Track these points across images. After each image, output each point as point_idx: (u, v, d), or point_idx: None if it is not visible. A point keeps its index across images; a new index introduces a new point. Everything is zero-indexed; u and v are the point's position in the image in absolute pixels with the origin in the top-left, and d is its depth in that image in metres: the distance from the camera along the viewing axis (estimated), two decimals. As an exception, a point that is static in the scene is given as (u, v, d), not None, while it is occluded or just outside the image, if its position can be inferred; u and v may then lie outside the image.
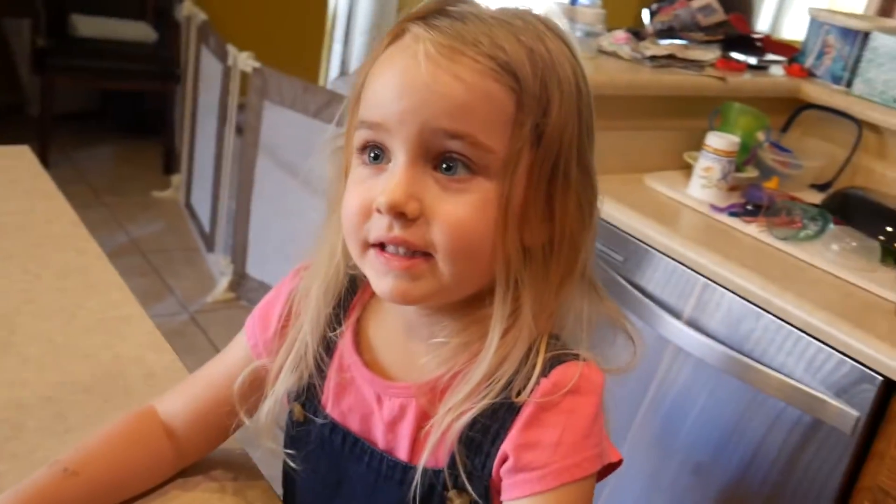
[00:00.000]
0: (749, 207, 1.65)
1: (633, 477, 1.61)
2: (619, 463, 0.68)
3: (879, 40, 1.88)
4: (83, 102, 4.30)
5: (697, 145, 1.75)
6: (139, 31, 3.92)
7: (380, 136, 0.63)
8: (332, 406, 0.74)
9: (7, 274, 1.09)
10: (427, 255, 0.62)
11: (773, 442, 1.37)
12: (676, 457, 1.53)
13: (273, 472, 0.83)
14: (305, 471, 0.76)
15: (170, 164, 3.90)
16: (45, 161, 3.63)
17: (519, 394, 0.63)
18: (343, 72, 6.15)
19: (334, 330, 0.73)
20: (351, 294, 0.75)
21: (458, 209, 0.61)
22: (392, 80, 0.62)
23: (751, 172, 1.80)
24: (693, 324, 1.47)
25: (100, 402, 0.88)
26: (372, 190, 0.62)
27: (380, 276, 0.64)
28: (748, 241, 1.57)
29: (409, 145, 0.61)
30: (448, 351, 0.66)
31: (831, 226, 1.56)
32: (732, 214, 1.63)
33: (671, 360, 1.53)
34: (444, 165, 0.61)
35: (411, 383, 0.68)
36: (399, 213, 0.61)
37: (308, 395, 0.74)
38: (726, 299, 1.42)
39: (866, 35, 1.92)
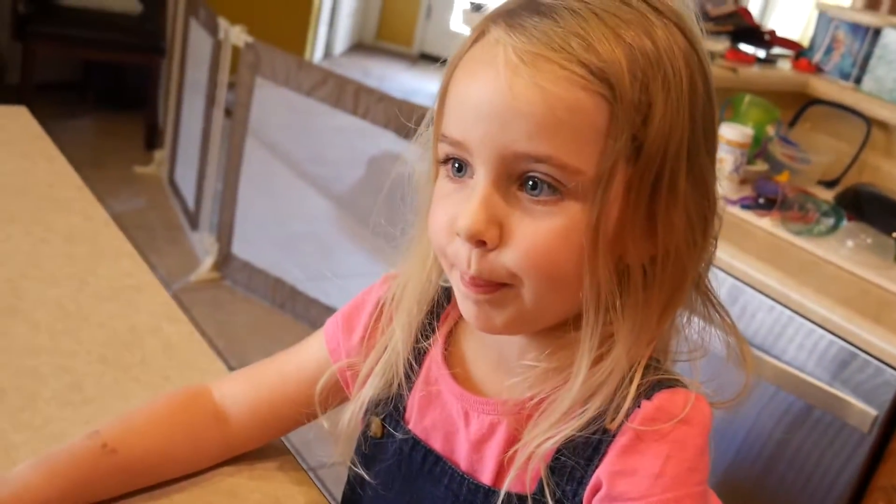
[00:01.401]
0: (761, 201, 1.62)
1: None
2: None
3: (890, 37, 1.86)
4: (63, 73, 4.19)
5: (708, 136, 1.73)
6: (124, 1, 3.82)
7: (461, 153, 0.58)
8: (416, 421, 0.68)
9: (9, 236, 1.03)
10: (509, 284, 0.57)
11: (787, 437, 1.35)
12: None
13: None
14: (374, 489, 0.70)
15: (152, 140, 3.80)
16: (23, 131, 3.53)
17: (614, 419, 0.57)
18: (327, 53, 6.09)
19: (426, 339, 0.68)
20: (444, 304, 0.70)
21: (540, 235, 0.55)
22: (471, 95, 0.56)
23: (761, 166, 1.78)
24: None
25: (117, 372, 0.83)
26: (456, 207, 0.58)
27: (464, 298, 0.60)
28: (762, 234, 1.54)
29: (489, 167, 0.56)
30: (538, 374, 0.61)
31: (845, 221, 1.55)
32: (745, 207, 1.61)
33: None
34: (530, 184, 0.55)
35: (502, 400, 0.63)
36: (479, 242, 0.56)
37: (389, 409, 0.69)
38: (746, 294, 1.39)
39: (877, 31, 1.90)
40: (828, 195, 1.72)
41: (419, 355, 0.69)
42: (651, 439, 0.57)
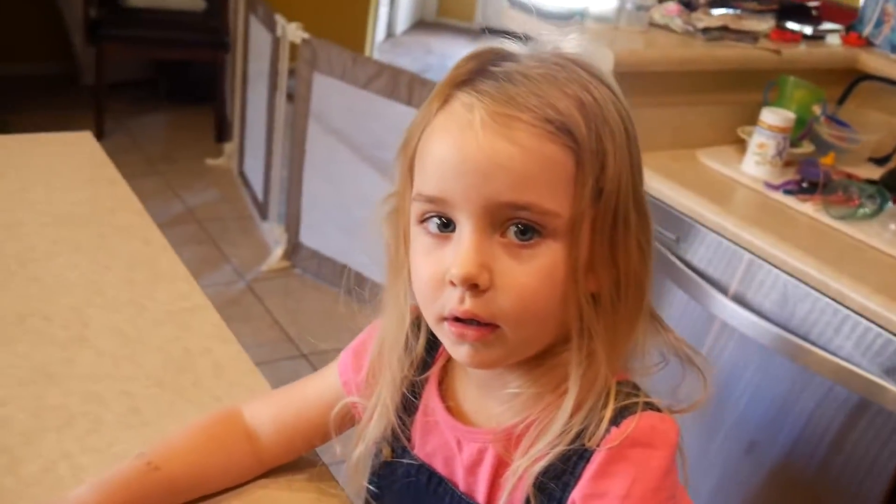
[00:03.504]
0: (804, 185, 1.63)
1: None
2: None
3: (942, 8, 1.82)
4: (135, 71, 4.36)
5: (751, 119, 1.73)
6: (188, 0, 3.95)
7: (442, 208, 0.63)
8: (419, 447, 0.76)
9: (75, 265, 1.13)
10: (494, 325, 0.63)
11: (823, 422, 1.37)
12: (724, 432, 1.54)
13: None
14: None
15: (222, 132, 3.95)
16: (100, 129, 3.70)
17: (590, 439, 0.63)
18: (389, 33, 6.15)
19: (422, 374, 0.75)
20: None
21: (528, 278, 0.61)
22: (450, 153, 0.61)
23: (806, 147, 1.78)
24: (742, 301, 1.47)
25: (172, 395, 0.92)
26: (442, 262, 0.63)
27: (455, 345, 0.65)
28: (804, 219, 1.55)
29: (475, 217, 0.61)
30: (522, 401, 0.67)
31: (889, 204, 1.54)
32: (787, 192, 1.62)
33: (717, 335, 1.53)
34: (514, 229, 0.61)
35: (489, 430, 0.70)
36: (472, 285, 0.61)
37: (396, 436, 0.76)
38: (781, 280, 1.41)
39: (929, 2, 1.87)
40: (879, 172, 1.71)
41: (416, 389, 0.75)
42: (619, 462, 0.63)
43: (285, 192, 3.10)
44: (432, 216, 0.64)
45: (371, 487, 0.78)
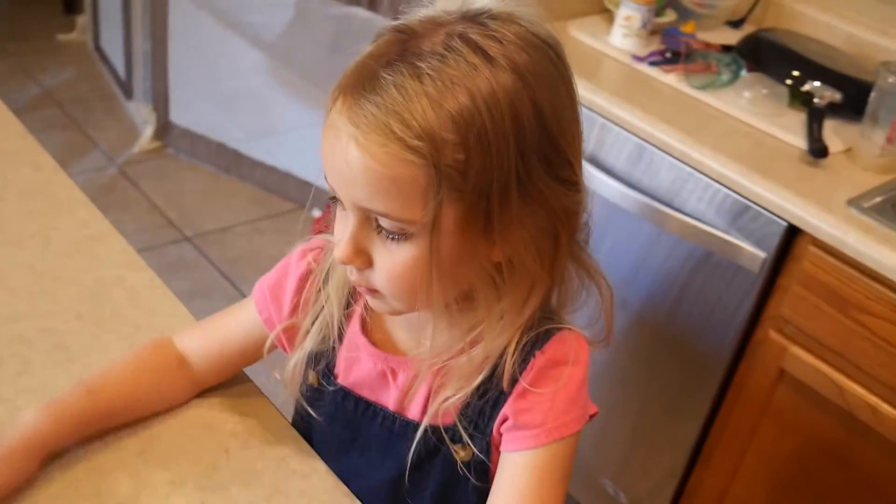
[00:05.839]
0: (668, 55, 1.72)
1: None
2: (596, 414, 0.80)
3: None
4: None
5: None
6: None
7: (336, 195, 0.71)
8: (343, 376, 0.85)
9: (-34, 197, 1.12)
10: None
11: (690, 280, 1.54)
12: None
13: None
14: (320, 424, 0.87)
15: (71, 3, 3.70)
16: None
17: (514, 368, 0.74)
18: None
19: (350, 305, 0.83)
20: None
21: (394, 265, 0.69)
22: (329, 158, 0.68)
23: (669, 16, 1.86)
24: (602, 167, 1.59)
25: (94, 327, 0.96)
26: (340, 233, 0.72)
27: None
28: (668, 90, 1.66)
29: (352, 212, 0.69)
30: (444, 340, 0.77)
31: (744, 72, 1.66)
32: (652, 64, 1.71)
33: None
34: (382, 225, 0.68)
35: (419, 359, 0.79)
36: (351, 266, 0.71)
37: (322, 366, 0.85)
38: (649, 152, 1.53)
39: None
40: (735, 36, 1.82)
41: (346, 317, 0.84)
42: (543, 380, 0.75)
43: (149, 66, 2.98)
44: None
45: (304, 404, 0.87)
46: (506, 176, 0.66)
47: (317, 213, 0.93)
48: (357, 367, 0.84)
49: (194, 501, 0.79)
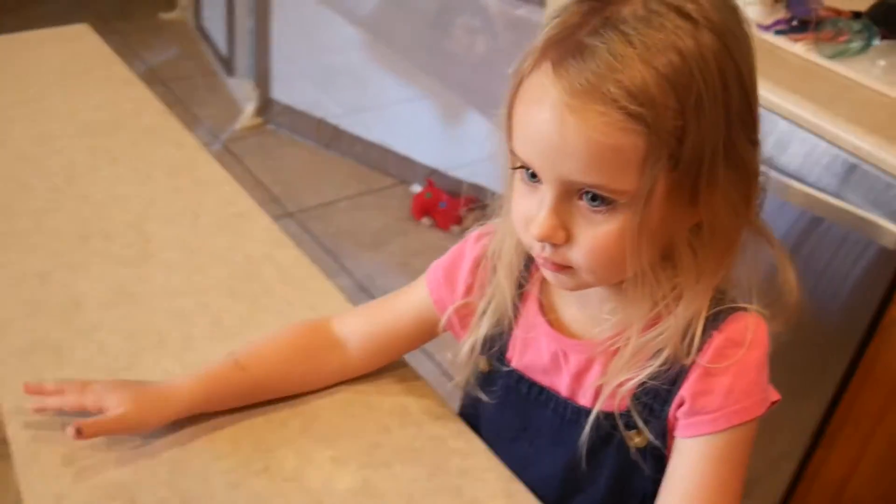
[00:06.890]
0: (795, 23, 1.66)
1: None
2: (778, 401, 0.77)
3: None
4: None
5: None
6: None
7: (531, 168, 0.68)
8: (517, 360, 0.83)
9: (118, 177, 1.15)
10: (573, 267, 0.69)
11: (813, 256, 1.49)
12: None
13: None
14: (490, 411, 0.86)
15: (171, -18, 3.78)
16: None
17: (689, 354, 0.72)
18: None
19: (524, 285, 0.82)
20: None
21: (599, 238, 0.66)
22: (531, 128, 0.65)
23: (793, -18, 1.79)
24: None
25: (247, 305, 0.98)
26: (531, 207, 0.69)
27: (543, 268, 0.73)
28: (795, 60, 1.60)
29: (552, 185, 0.66)
30: (620, 319, 0.75)
31: (877, 40, 1.59)
32: (779, 33, 1.65)
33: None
34: (588, 196, 0.65)
35: (593, 341, 0.77)
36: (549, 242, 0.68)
37: (495, 350, 0.84)
38: (778, 127, 1.48)
39: None
40: (865, 2, 1.74)
41: (520, 298, 0.82)
42: (723, 362, 0.72)
43: (251, 44, 3.03)
44: (523, 166, 0.69)
45: (474, 392, 0.87)
46: (716, 141, 0.64)
47: (417, 189, 0.92)
48: (532, 350, 0.82)
49: (357, 480, 0.80)
